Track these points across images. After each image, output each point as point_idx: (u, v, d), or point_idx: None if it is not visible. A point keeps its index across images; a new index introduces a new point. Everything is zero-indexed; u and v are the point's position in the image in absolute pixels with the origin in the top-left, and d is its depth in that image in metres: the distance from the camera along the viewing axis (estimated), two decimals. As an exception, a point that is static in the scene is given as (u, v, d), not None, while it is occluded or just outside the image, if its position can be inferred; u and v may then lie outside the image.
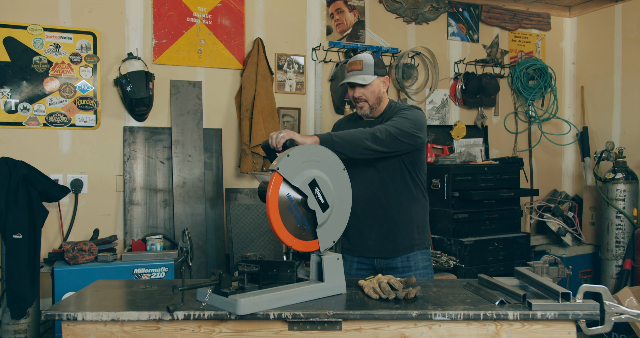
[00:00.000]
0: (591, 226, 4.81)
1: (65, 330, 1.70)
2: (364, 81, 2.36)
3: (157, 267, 3.16)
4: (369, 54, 2.44)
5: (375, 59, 2.41)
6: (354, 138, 2.13)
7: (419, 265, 2.42)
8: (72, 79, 3.53)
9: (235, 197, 3.88)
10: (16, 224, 2.93)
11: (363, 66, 2.38)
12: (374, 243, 2.41)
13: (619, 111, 4.86)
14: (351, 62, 2.42)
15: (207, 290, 1.74)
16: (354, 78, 2.38)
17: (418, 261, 2.42)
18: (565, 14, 5.29)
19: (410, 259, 2.40)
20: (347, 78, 2.42)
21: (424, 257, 2.45)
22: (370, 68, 2.38)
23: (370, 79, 2.38)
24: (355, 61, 2.40)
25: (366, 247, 2.42)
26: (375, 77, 2.39)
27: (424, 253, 2.46)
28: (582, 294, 1.74)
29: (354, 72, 2.40)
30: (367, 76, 2.38)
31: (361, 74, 2.38)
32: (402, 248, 2.40)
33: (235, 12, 3.97)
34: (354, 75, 2.39)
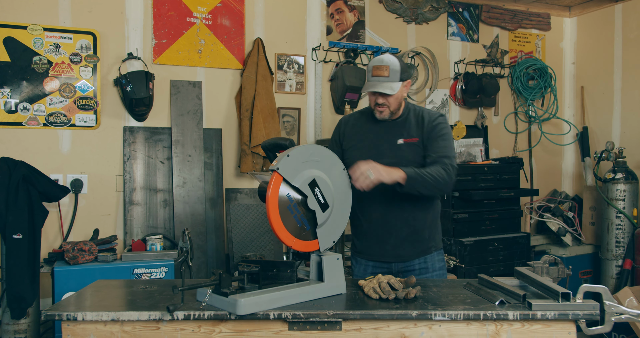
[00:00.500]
0: (591, 226, 4.81)
1: (65, 330, 1.70)
2: (392, 90, 2.21)
3: (157, 267, 3.16)
4: (395, 58, 2.27)
5: (401, 63, 2.27)
6: (438, 182, 2.17)
7: (435, 266, 2.38)
8: (72, 79, 3.53)
9: (235, 197, 3.88)
10: (16, 224, 2.93)
11: (390, 73, 2.22)
12: (392, 248, 2.34)
13: (619, 111, 4.86)
14: (376, 66, 2.24)
15: (207, 290, 1.74)
16: (381, 87, 2.22)
17: (435, 262, 2.38)
18: (565, 14, 5.29)
19: (427, 260, 2.36)
20: (372, 85, 2.24)
21: (440, 257, 2.42)
22: (396, 75, 2.23)
23: (397, 87, 2.23)
24: (382, 66, 2.22)
25: (384, 252, 2.36)
26: (400, 84, 2.25)
27: (440, 253, 2.43)
28: (582, 294, 1.74)
29: (380, 78, 2.23)
30: (393, 84, 2.23)
31: (388, 82, 2.22)
32: (420, 250, 2.35)
33: (235, 12, 3.97)
34: (380, 82, 2.23)
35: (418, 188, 2.14)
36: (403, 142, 2.31)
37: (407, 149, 2.31)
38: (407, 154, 2.30)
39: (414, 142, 2.31)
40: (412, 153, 2.31)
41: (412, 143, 2.31)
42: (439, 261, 2.40)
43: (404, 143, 2.31)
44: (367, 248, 2.40)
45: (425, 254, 2.36)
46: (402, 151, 2.31)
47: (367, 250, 2.40)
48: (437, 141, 2.29)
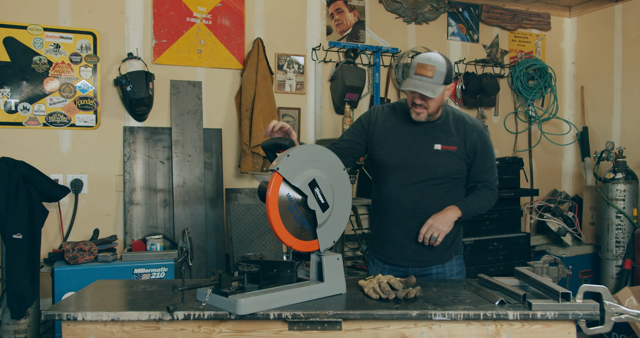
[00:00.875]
0: (591, 226, 4.81)
1: (65, 330, 1.70)
2: (433, 93, 2.08)
3: (157, 267, 3.16)
4: (443, 59, 2.11)
5: (448, 65, 2.12)
6: (486, 208, 2.30)
7: (453, 272, 2.32)
8: (72, 79, 3.53)
9: (235, 197, 3.88)
10: (16, 224, 2.93)
11: (435, 74, 2.07)
12: (412, 253, 2.28)
13: (619, 111, 4.86)
14: (421, 64, 2.09)
15: (207, 290, 1.74)
16: (422, 87, 2.07)
17: (453, 267, 2.33)
18: (565, 14, 5.29)
19: (445, 266, 2.31)
20: (412, 84, 2.09)
21: (459, 262, 2.36)
22: (441, 77, 2.09)
23: (439, 90, 2.09)
24: (427, 66, 2.07)
25: (404, 256, 2.30)
26: (443, 88, 2.12)
27: (459, 258, 2.37)
28: (582, 294, 1.74)
29: (423, 78, 2.08)
30: (436, 86, 2.09)
31: (430, 84, 2.08)
32: (440, 257, 2.30)
33: (235, 12, 3.97)
34: (422, 82, 2.08)
35: (469, 217, 2.26)
36: (440, 148, 2.22)
37: (443, 157, 2.22)
38: (444, 162, 2.22)
39: (453, 150, 2.22)
40: (449, 161, 2.23)
41: (450, 151, 2.22)
42: (457, 266, 2.34)
43: (442, 150, 2.22)
44: (386, 250, 2.34)
45: (445, 260, 2.31)
46: (438, 157, 2.22)
47: (386, 252, 2.34)
48: (486, 161, 2.29)
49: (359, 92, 4.23)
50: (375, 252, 2.39)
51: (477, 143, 2.25)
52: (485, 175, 2.31)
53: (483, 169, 2.30)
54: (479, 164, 2.28)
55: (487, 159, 2.30)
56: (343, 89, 4.15)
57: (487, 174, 2.31)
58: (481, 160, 2.28)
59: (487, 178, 2.31)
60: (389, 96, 4.53)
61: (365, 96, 4.42)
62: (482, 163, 2.28)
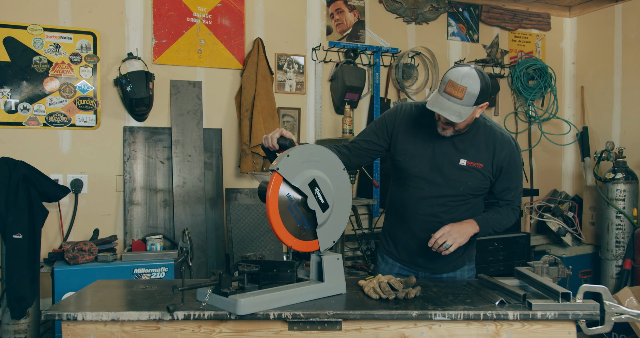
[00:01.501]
0: (591, 226, 4.81)
1: (65, 330, 1.70)
2: (459, 117, 1.91)
3: (157, 267, 3.16)
4: (477, 77, 1.90)
5: (483, 84, 1.91)
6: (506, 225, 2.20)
7: (464, 275, 2.29)
8: (72, 79, 3.53)
9: (235, 197, 3.88)
10: (16, 224, 2.93)
11: (465, 96, 1.89)
12: (425, 261, 2.23)
13: (619, 111, 4.86)
14: (453, 83, 1.89)
15: (207, 290, 1.74)
16: (448, 110, 1.91)
17: (464, 272, 2.29)
18: (565, 14, 5.29)
19: (457, 273, 2.28)
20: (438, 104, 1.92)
21: (470, 267, 2.32)
22: (472, 99, 1.90)
23: (467, 113, 1.92)
24: (458, 86, 1.88)
25: (416, 262, 2.25)
26: (474, 108, 1.94)
27: (471, 264, 2.32)
28: (582, 294, 1.74)
29: (451, 98, 1.90)
30: (465, 108, 1.91)
31: (459, 105, 1.90)
32: (453, 265, 2.26)
33: (235, 12, 3.97)
34: (450, 103, 1.90)
35: (486, 234, 2.18)
36: (466, 164, 2.10)
37: (468, 173, 2.11)
38: (467, 179, 2.11)
39: (478, 168, 2.10)
40: (474, 179, 2.12)
41: (476, 168, 2.10)
42: (468, 271, 2.31)
43: (467, 166, 2.10)
44: (398, 253, 2.29)
45: (457, 269, 2.28)
46: (462, 173, 2.11)
47: (399, 255, 2.29)
48: (512, 181, 2.16)
49: (359, 92, 4.23)
50: (386, 250, 2.35)
51: (505, 161, 2.12)
52: (508, 195, 2.19)
53: (507, 189, 2.17)
54: (504, 183, 2.16)
55: (513, 179, 2.16)
56: (343, 89, 4.15)
57: (511, 194, 2.19)
58: (506, 179, 2.15)
59: (509, 197, 2.19)
60: (389, 96, 4.53)
61: (365, 96, 4.42)
62: (506, 183, 2.16)
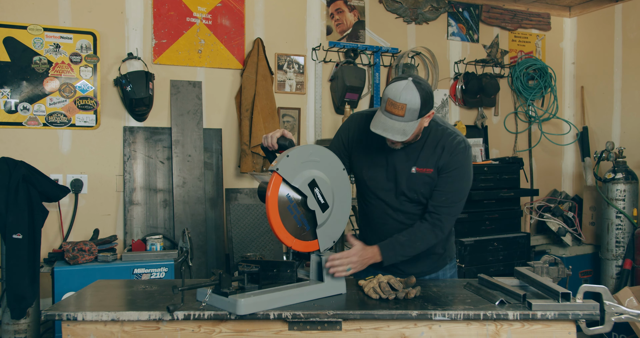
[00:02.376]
0: (591, 226, 4.81)
1: (65, 330, 1.70)
2: (404, 135, 1.85)
3: (157, 267, 3.16)
4: (416, 92, 1.82)
5: (423, 96, 1.83)
6: (421, 247, 2.02)
7: (447, 275, 2.29)
8: (72, 79, 3.53)
9: (235, 197, 3.88)
10: (16, 224, 2.93)
11: (406, 113, 1.81)
12: (404, 265, 2.15)
13: (619, 111, 4.86)
14: (392, 102, 1.82)
15: (207, 290, 1.74)
16: (391, 131, 1.84)
17: (446, 272, 2.28)
18: (565, 14, 5.29)
19: (439, 274, 2.27)
20: (381, 125, 1.85)
21: (452, 265, 2.30)
22: (414, 114, 1.83)
23: (412, 128, 1.86)
24: (398, 104, 1.81)
25: (394, 269, 2.15)
26: (418, 122, 1.87)
27: (452, 262, 2.30)
28: (582, 294, 1.74)
29: (393, 117, 1.83)
30: (408, 125, 1.84)
31: (402, 123, 1.84)
32: (434, 266, 2.23)
33: (235, 12, 3.97)
34: (392, 122, 1.84)
35: (399, 260, 2.02)
36: (416, 171, 2.04)
37: (419, 180, 2.04)
38: (419, 186, 2.05)
39: (428, 173, 2.03)
40: (425, 185, 2.04)
41: (425, 174, 2.03)
42: (450, 269, 2.30)
43: (417, 173, 2.04)
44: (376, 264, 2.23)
45: (439, 269, 2.26)
46: (414, 181, 2.05)
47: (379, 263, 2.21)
48: (443, 184, 2.02)
49: (359, 92, 4.23)
50: None
51: (445, 160, 2.02)
52: (438, 198, 2.02)
53: (438, 191, 2.02)
54: (438, 184, 2.03)
55: (449, 181, 2.02)
56: (343, 89, 4.15)
57: (441, 198, 2.01)
58: (441, 181, 2.02)
59: (439, 202, 2.02)
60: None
61: (365, 96, 4.42)
62: (440, 184, 2.02)
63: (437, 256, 2.23)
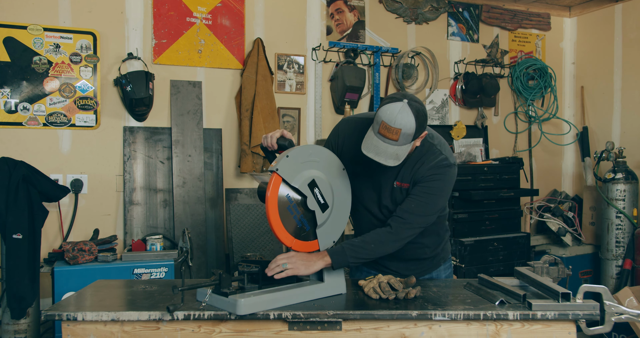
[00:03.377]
0: (591, 226, 4.81)
1: (65, 330, 1.70)
2: (396, 160, 1.79)
3: (157, 267, 3.16)
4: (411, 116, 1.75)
5: (419, 121, 1.77)
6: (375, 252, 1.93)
7: (441, 275, 2.29)
8: (72, 79, 3.53)
9: (235, 197, 3.88)
10: (16, 224, 2.93)
11: (400, 137, 1.75)
12: (396, 268, 2.17)
13: (619, 111, 4.86)
14: (386, 125, 1.74)
15: (207, 290, 1.74)
16: (384, 155, 1.78)
17: (440, 272, 2.28)
18: (565, 14, 5.29)
19: (433, 275, 2.27)
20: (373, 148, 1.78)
21: (446, 265, 2.30)
22: (409, 138, 1.77)
23: (405, 152, 1.80)
24: (392, 129, 1.74)
25: (388, 271, 2.17)
26: (411, 145, 1.82)
27: (447, 262, 2.30)
28: (582, 294, 1.74)
29: (386, 141, 1.77)
30: (401, 149, 1.79)
31: (395, 147, 1.78)
32: (427, 267, 2.22)
33: (235, 12, 3.97)
34: (385, 146, 1.77)
35: (352, 262, 1.91)
36: (397, 185, 2.01)
37: (399, 194, 2.02)
38: (400, 200, 2.01)
39: (406, 188, 2.01)
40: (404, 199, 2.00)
41: (404, 188, 2.01)
42: (445, 269, 2.29)
43: (398, 187, 2.01)
44: (369, 264, 2.23)
45: (432, 270, 2.25)
46: (396, 195, 2.03)
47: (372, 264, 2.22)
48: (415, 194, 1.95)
49: (359, 92, 4.23)
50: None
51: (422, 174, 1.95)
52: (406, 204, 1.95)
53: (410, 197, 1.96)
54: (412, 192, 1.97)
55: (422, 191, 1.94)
56: (343, 89, 4.15)
57: (410, 205, 1.94)
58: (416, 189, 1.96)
59: (405, 207, 1.94)
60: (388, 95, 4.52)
61: (365, 96, 4.42)
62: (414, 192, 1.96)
63: (430, 258, 2.20)
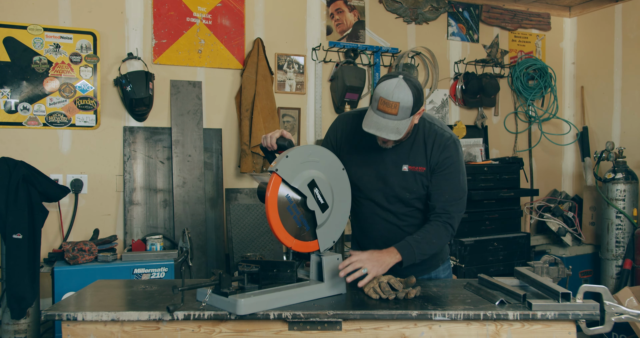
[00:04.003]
0: (591, 226, 4.81)
1: (65, 330, 1.70)
2: (397, 134, 1.84)
3: (157, 267, 3.17)
4: (408, 90, 1.82)
5: (415, 93, 1.83)
6: (438, 246, 2.01)
7: (440, 276, 2.29)
8: (72, 79, 3.53)
9: (235, 197, 3.88)
10: (16, 224, 2.94)
11: (399, 111, 1.81)
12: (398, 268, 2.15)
13: (619, 111, 4.86)
14: (384, 100, 1.81)
15: (207, 290, 1.74)
16: (385, 130, 1.84)
17: (439, 272, 2.28)
18: (565, 14, 5.29)
19: (432, 274, 2.26)
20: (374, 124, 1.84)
21: (446, 266, 2.29)
22: (407, 112, 1.84)
23: (405, 126, 1.85)
24: (390, 103, 1.80)
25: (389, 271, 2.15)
26: (410, 119, 1.88)
27: (446, 262, 2.30)
28: (582, 294, 1.74)
29: (386, 115, 1.83)
30: (401, 123, 1.84)
31: (395, 122, 1.84)
32: (427, 267, 2.22)
33: (235, 12, 3.97)
34: (385, 121, 1.83)
35: (414, 261, 1.97)
36: (408, 169, 2.03)
37: (412, 179, 2.04)
38: (412, 185, 2.04)
39: (421, 172, 2.03)
40: (417, 184, 2.04)
41: (418, 172, 2.03)
42: (444, 270, 2.29)
43: (409, 171, 2.03)
44: None
45: (431, 270, 2.25)
46: (407, 180, 2.04)
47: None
48: (441, 182, 2.01)
49: (359, 92, 4.23)
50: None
51: (436, 159, 2.01)
52: (440, 198, 2.01)
53: (438, 191, 2.02)
54: (436, 184, 2.02)
55: (446, 180, 2.01)
56: (343, 89, 4.15)
57: (444, 197, 2.01)
58: (439, 179, 2.02)
59: (443, 201, 2.01)
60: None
61: (365, 96, 4.42)
62: (437, 183, 2.02)
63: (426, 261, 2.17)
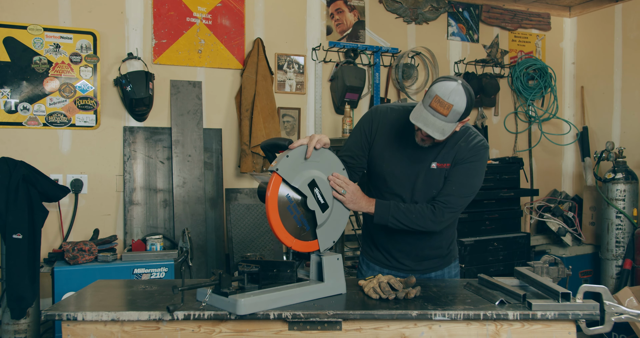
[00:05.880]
0: (591, 226, 4.81)
1: (65, 330, 1.70)
2: (442, 134, 1.88)
3: (157, 267, 3.16)
4: (464, 96, 1.85)
5: (469, 102, 1.87)
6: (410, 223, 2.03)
7: (451, 274, 2.31)
8: (72, 79, 3.53)
9: (235, 197, 3.88)
10: (16, 224, 2.93)
11: (450, 113, 1.85)
12: (411, 263, 2.22)
13: (619, 111, 4.86)
14: (440, 99, 1.84)
15: (207, 290, 1.74)
16: (432, 127, 1.87)
17: (451, 270, 2.30)
18: (565, 14, 5.29)
19: (444, 271, 2.29)
20: (423, 119, 1.88)
21: (455, 264, 2.33)
22: (456, 117, 1.87)
23: (450, 129, 1.89)
24: (445, 103, 1.84)
25: (402, 266, 2.23)
26: (456, 124, 1.92)
27: (456, 261, 2.34)
28: (582, 294, 1.74)
29: (436, 114, 1.86)
30: (448, 125, 1.88)
31: (443, 122, 1.87)
32: (440, 264, 2.26)
33: (235, 12, 3.97)
34: (434, 119, 1.86)
35: (385, 222, 2.03)
36: (436, 166, 2.08)
37: (437, 175, 2.08)
38: (438, 181, 2.09)
39: (446, 168, 2.08)
40: (442, 181, 2.09)
41: (444, 169, 2.08)
42: (454, 267, 2.32)
43: (437, 168, 2.08)
44: (384, 259, 2.27)
45: (444, 266, 2.28)
46: (434, 176, 2.09)
47: (385, 260, 2.27)
48: (455, 175, 2.06)
49: (359, 92, 4.23)
50: (371, 258, 2.32)
51: (463, 155, 2.07)
52: (447, 187, 2.07)
53: (449, 182, 2.07)
54: (449, 175, 2.08)
55: (461, 173, 2.06)
56: (343, 89, 4.15)
57: (450, 188, 2.06)
58: (454, 172, 2.07)
59: (447, 191, 2.06)
60: (389, 96, 4.53)
61: (365, 96, 4.42)
62: (451, 175, 2.07)
63: (443, 255, 2.26)
